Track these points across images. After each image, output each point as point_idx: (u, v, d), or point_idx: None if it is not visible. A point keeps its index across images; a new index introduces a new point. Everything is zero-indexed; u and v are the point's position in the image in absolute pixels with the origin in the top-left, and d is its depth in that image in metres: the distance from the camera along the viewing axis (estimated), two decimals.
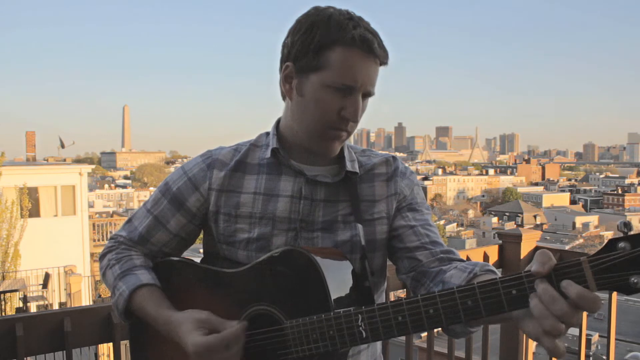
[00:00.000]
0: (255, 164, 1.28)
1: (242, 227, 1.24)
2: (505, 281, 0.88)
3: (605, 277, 0.81)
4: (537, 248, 2.64)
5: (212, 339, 1.08)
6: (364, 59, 1.15)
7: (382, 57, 1.18)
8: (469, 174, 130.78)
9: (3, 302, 10.69)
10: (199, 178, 1.28)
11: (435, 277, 1.18)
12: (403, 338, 1.94)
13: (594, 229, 66.46)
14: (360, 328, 0.99)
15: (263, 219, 1.23)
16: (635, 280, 0.79)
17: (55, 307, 12.48)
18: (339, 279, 1.11)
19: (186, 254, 1.37)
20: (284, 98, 1.27)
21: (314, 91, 1.17)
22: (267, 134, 1.32)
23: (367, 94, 1.20)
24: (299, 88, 1.20)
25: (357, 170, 1.27)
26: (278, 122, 1.31)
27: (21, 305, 11.14)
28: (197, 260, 1.32)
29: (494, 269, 1.09)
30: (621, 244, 0.80)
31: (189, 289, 1.25)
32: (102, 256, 1.33)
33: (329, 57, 1.15)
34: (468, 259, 2.49)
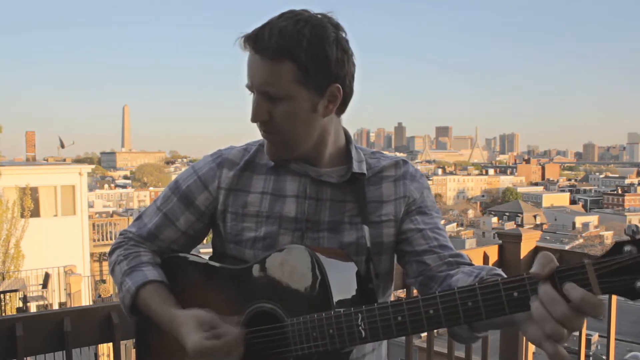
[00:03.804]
0: (263, 164, 1.29)
1: (249, 225, 1.25)
2: (506, 283, 0.87)
3: (609, 281, 0.79)
4: (537, 248, 2.63)
5: (213, 343, 1.08)
6: (249, 58, 1.16)
7: (259, 48, 1.11)
8: (468, 174, 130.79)
9: (3, 302, 10.68)
10: (209, 177, 1.30)
11: (442, 281, 1.17)
12: (403, 338, 1.94)
13: (593, 229, 66.31)
14: (360, 327, 0.99)
15: (270, 218, 1.24)
16: None
17: (55, 307, 12.48)
18: (342, 279, 1.11)
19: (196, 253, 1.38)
20: None
21: None
22: None
23: (262, 93, 1.15)
24: None
25: (365, 172, 1.27)
26: None
27: (21, 305, 11.14)
28: (206, 257, 1.33)
29: (501, 273, 1.08)
30: (627, 248, 0.78)
31: (194, 285, 1.27)
32: (112, 252, 1.35)
33: None
34: None
